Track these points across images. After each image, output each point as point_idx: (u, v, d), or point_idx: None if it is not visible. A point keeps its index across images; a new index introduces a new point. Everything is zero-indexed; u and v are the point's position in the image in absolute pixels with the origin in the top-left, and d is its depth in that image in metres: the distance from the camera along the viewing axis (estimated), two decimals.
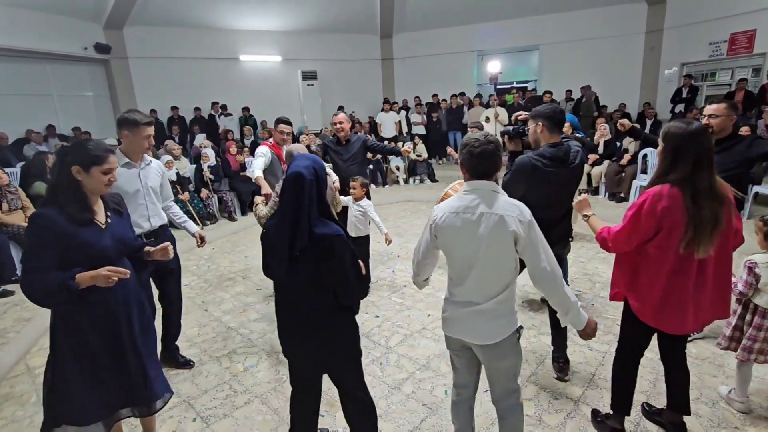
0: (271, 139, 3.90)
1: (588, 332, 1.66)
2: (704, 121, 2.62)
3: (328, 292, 1.64)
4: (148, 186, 2.50)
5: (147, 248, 1.91)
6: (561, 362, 2.56)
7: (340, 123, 4.01)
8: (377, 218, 3.78)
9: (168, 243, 1.94)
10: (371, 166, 8.19)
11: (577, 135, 4.67)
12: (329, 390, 2.56)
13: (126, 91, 9.85)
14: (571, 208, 2.44)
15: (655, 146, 2.01)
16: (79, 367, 1.63)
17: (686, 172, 1.63)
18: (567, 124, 4.69)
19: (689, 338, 2.39)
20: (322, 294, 1.64)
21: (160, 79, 10.03)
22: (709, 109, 2.61)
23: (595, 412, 2.23)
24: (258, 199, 3.10)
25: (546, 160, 2.25)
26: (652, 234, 1.71)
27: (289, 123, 3.88)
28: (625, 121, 3.16)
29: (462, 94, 10.54)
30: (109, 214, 1.75)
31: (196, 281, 4.48)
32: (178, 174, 6.46)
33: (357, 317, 3.52)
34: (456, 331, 1.70)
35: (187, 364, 2.89)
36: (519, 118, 2.58)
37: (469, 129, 4.84)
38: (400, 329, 3.28)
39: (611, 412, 2.10)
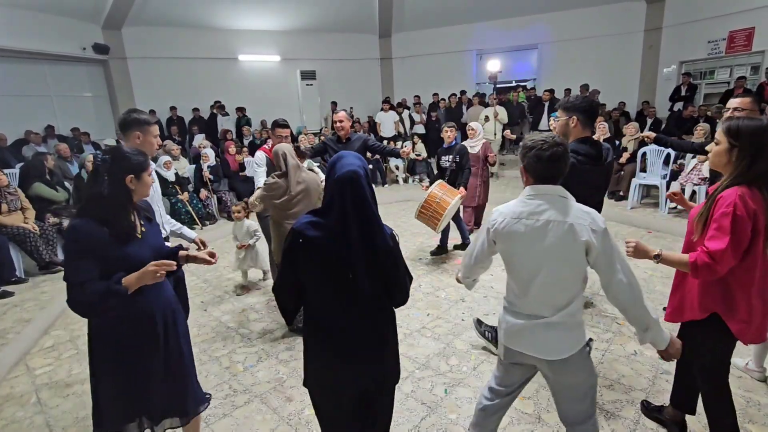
0: (268, 143, 3.77)
1: (671, 352, 1.51)
2: (728, 114, 2.56)
3: (384, 297, 1.49)
4: (156, 191, 2.36)
5: (183, 252, 1.79)
6: None
7: (341, 121, 3.97)
8: None
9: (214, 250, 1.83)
10: (371, 166, 8.19)
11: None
12: None
13: (125, 91, 9.84)
14: (601, 207, 2.31)
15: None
16: (120, 378, 1.60)
17: (764, 169, 1.53)
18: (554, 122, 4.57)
19: None
20: (379, 301, 1.48)
21: (159, 80, 10.02)
22: (735, 102, 2.54)
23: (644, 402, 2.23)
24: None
25: (581, 156, 2.12)
26: (748, 240, 1.53)
27: (286, 126, 3.71)
28: (650, 133, 3.19)
29: (463, 93, 10.54)
30: (141, 222, 1.67)
31: (195, 281, 4.48)
32: (177, 174, 6.45)
33: None
34: (521, 344, 1.58)
35: None
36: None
37: (446, 128, 4.74)
38: (400, 328, 3.26)
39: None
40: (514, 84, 11.95)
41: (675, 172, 5.87)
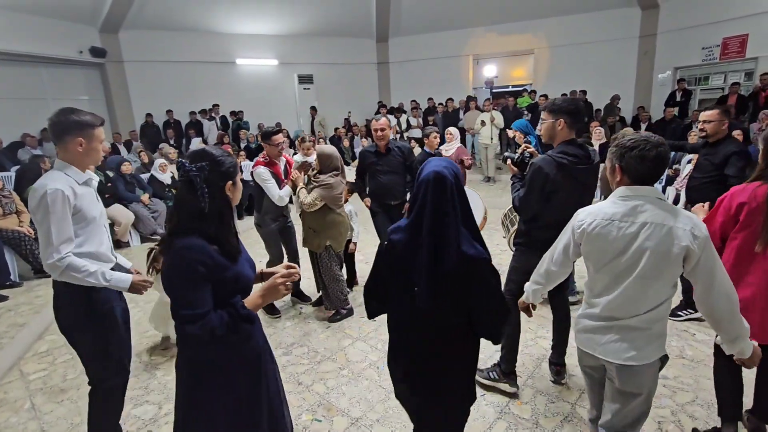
0: (260, 156, 3.43)
1: (754, 360, 1.48)
2: (699, 126, 2.93)
3: (461, 323, 1.39)
4: (100, 208, 1.93)
5: (263, 270, 1.60)
6: (558, 367, 2.55)
7: (382, 130, 3.48)
8: (356, 224, 3.81)
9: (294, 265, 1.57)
10: None
11: (529, 141, 3.74)
12: (327, 393, 2.55)
13: (122, 95, 9.83)
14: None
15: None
16: (225, 414, 1.37)
17: None
18: (515, 132, 4.33)
19: None
20: (451, 325, 1.38)
21: (156, 83, 10.02)
22: (704, 115, 2.86)
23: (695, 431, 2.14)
24: (298, 178, 3.24)
25: (571, 157, 2.10)
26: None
27: (279, 131, 3.44)
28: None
29: (469, 98, 10.57)
30: None
31: None
32: (173, 178, 6.44)
33: (353, 321, 3.51)
34: (592, 346, 1.53)
35: None
36: (528, 150, 2.42)
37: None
38: None
39: (719, 426, 2.03)
40: (511, 89, 12.02)
41: (670, 178, 5.91)
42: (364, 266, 4.66)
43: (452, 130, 5.15)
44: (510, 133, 4.79)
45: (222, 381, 1.33)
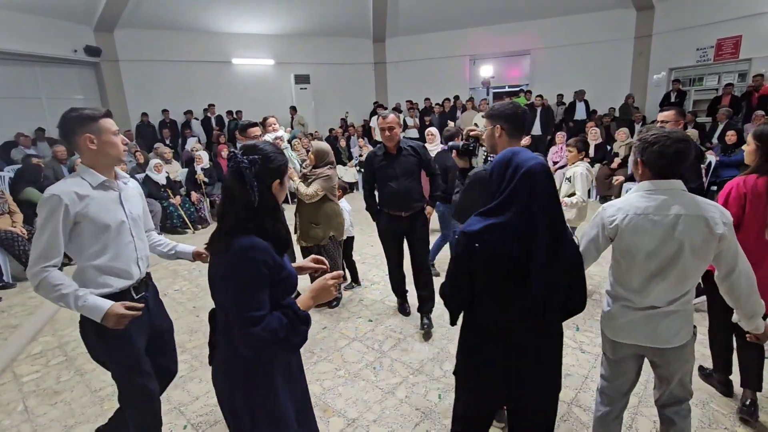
0: (224, 153, 3.53)
1: (767, 334, 1.59)
2: (658, 125, 3.03)
3: (557, 307, 1.41)
4: (132, 215, 1.75)
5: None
6: None
7: (390, 129, 3.00)
8: (348, 215, 3.93)
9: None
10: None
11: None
12: (323, 394, 2.54)
13: (117, 94, 9.78)
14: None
15: None
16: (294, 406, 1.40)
17: None
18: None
19: None
20: (549, 310, 1.40)
21: (152, 83, 9.97)
22: (661, 115, 3.05)
23: (701, 368, 2.53)
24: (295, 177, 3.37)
25: None
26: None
27: (255, 124, 3.45)
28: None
29: (456, 97, 10.60)
30: None
31: (187, 286, 4.44)
32: (168, 178, 6.41)
33: (350, 322, 3.50)
34: (635, 337, 1.59)
35: None
36: (471, 133, 2.19)
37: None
38: (394, 333, 3.27)
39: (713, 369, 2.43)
40: (507, 89, 12.05)
41: None
42: (361, 266, 4.66)
43: (432, 130, 5.18)
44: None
45: (280, 380, 1.34)
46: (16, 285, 4.28)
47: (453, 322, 1.56)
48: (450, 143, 2.37)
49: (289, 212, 3.75)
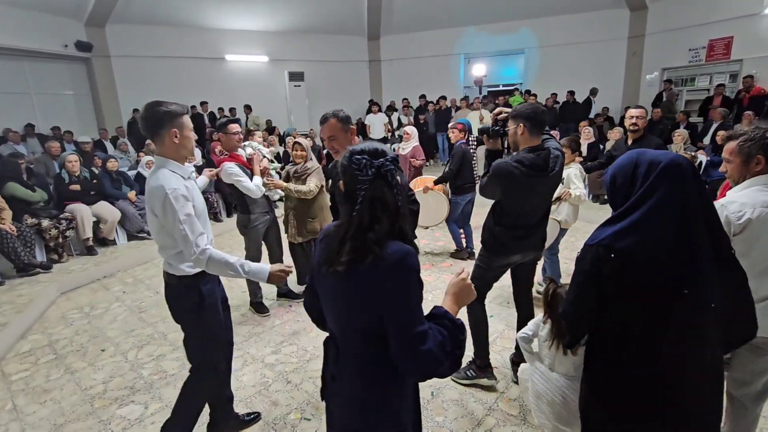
0: (217, 150, 3.39)
1: None
2: (632, 121, 3.41)
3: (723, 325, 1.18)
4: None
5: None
6: (518, 366, 2.54)
7: (331, 139, 2.19)
8: None
9: None
10: None
11: (468, 140, 5.06)
12: (315, 392, 2.54)
13: (108, 90, 9.66)
14: (547, 215, 2.38)
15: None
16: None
17: None
18: (461, 126, 4.78)
19: None
20: (718, 329, 1.18)
21: (144, 79, 9.86)
22: (634, 112, 3.40)
23: None
24: (276, 183, 3.45)
25: (524, 167, 2.11)
26: None
27: (235, 121, 3.49)
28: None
29: (442, 98, 10.61)
30: None
31: None
32: None
33: None
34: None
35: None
36: (499, 117, 2.36)
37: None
38: None
39: None
40: (502, 88, 12.09)
41: None
42: None
43: (409, 129, 5.28)
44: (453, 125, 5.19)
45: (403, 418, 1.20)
46: (5, 283, 4.22)
47: (570, 346, 1.42)
48: (480, 127, 2.55)
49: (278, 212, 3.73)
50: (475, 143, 5.54)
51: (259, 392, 2.58)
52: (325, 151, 7.99)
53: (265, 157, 3.53)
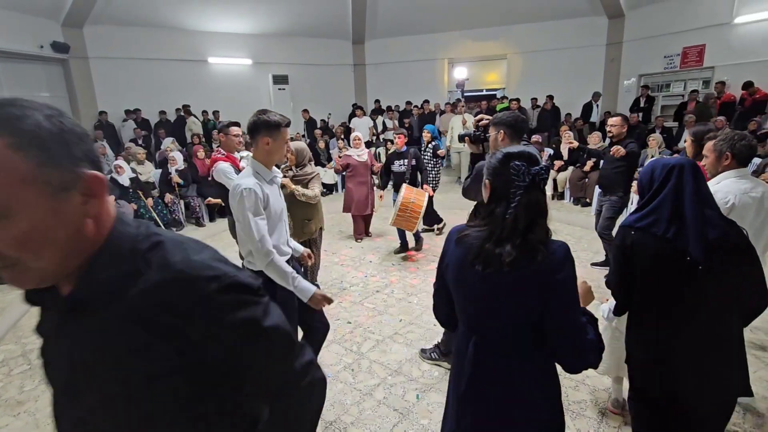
0: (216, 151, 3.41)
1: None
2: (608, 128, 3.98)
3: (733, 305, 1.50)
4: (283, 203, 2.17)
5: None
6: None
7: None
8: None
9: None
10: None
11: (438, 144, 5.75)
12: None
13: (86, 92, 9.43)
14: None
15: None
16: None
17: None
18: (427, 133, 5.47)
19: None
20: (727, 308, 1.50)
21: (124, 81, 9.66)
22: (612, 120, 3.93)
23: None
24: (287, 182, 3.44)
25: None
26: None
27: (237, 124, 3.53)
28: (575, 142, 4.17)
29: (426, 102, 10.68)
30: None
31: None
32: (138, 179, 6.24)
33: (336, 324, 3.47)
34: None
35: None
36: (480, 123, 2.49)
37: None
38: (372, 335, 3.27)
39: None
40: (485, 92, 12.24)
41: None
42: (339, 268, 4.65)
43: (359, 135, 5.44)
44: (425, 134, 5.67)
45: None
46: None
47: (619, 313, 1.71)
48: (461, 133, 2.73)
49: None
50: (431, 152, 5.74)
51: None
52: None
53: None
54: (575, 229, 4.51)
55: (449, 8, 10.54)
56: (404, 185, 4.66)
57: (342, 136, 9.54)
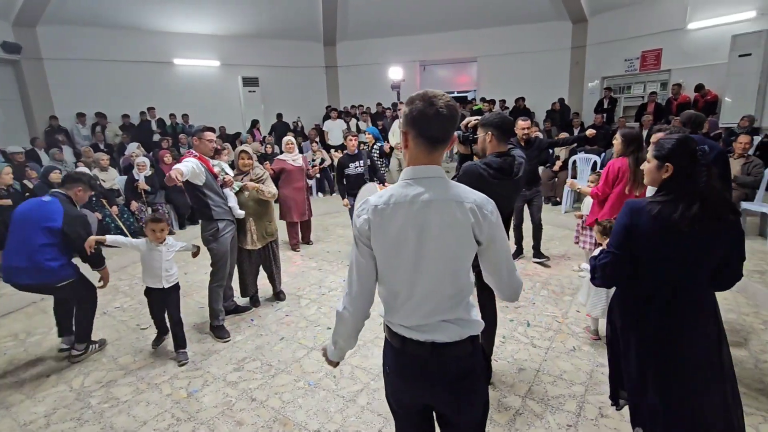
0: (189, 152, 3.32)
1: None
2: (525, 131, 4.33)
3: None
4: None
5: None
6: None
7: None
8: None
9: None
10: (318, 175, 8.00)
11: (381, 145, 6.22)
12: (282, 408, 2.46)
13: (41, 95, 8.94)
14: (510, 217, 2.60)
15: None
16: None
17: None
18: (370, 135, 5.70)
19: None
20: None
21: (82, 83, 9.22)
22: (523, 124, 4.28)
23: None
24: (250, 184, 3.53)
25: (492, 170, 2.24)
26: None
27: (211, 129, 3.45)
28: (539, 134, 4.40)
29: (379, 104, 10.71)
30: None
31: (129, 302, 4.14)
32: (100, 186, 5.96)
33: (308, 331, 3.41)
34: None
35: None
36: (469, 125, 2.51)
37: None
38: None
39: None
40: (456, 95, 12.43)
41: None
42: (318, 273, 4.59)
43: (291, 139, 5.32)
44: (366, 137, 5.86)
45: None
46: None
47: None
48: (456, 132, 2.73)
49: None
50: (378, 152, 6.06)
51: (222, 413, 2.47)
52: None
53: (227, 174, 3.45)
54: (546, 227, 4.67)
55: (419, 11, 10.65)
56: (366, 184, 4.52)
57: (317, 139, 9.44)
